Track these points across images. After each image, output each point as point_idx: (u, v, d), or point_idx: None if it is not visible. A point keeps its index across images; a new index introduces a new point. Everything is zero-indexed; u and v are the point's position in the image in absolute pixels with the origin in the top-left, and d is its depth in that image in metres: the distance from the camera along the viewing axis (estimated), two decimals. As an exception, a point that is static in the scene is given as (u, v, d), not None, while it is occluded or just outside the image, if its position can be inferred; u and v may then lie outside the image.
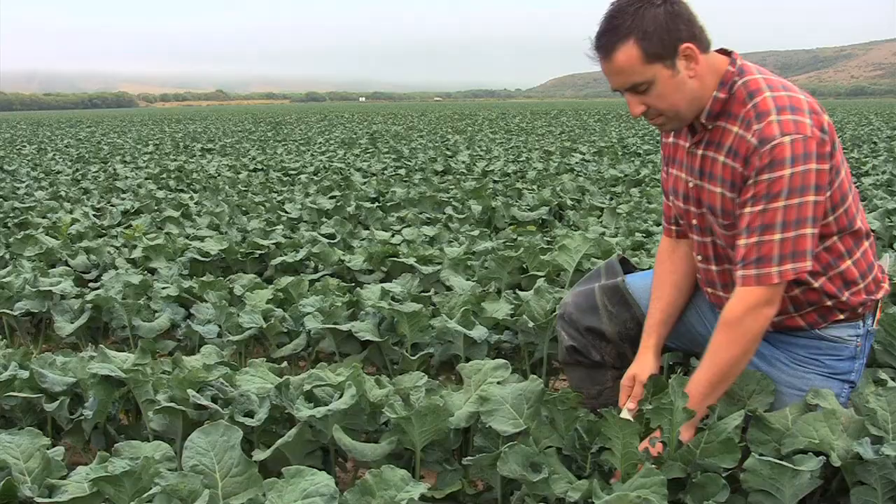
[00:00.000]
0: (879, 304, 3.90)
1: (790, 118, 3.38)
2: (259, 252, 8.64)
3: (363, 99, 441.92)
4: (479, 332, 5.31)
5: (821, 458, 3.24)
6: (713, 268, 3.87)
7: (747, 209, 3.44)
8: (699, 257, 3.95)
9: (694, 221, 3.86)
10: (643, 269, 4.48)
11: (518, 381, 4.01)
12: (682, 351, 4.57)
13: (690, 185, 3.79)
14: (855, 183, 14.99)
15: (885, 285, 3.89)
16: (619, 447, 3.43)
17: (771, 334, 3.78)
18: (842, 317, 3.74)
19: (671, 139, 3.94)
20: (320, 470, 3.20)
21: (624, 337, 4.16)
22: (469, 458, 3.76)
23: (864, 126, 42.20)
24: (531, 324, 5.31)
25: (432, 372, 5.52)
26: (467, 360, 5.17)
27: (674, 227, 4.12)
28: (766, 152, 3.36)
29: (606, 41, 3.47)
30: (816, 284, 3.66)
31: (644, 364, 3.91)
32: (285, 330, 5.95)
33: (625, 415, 3.72)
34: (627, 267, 4.42)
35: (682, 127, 3.72)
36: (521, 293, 5.94)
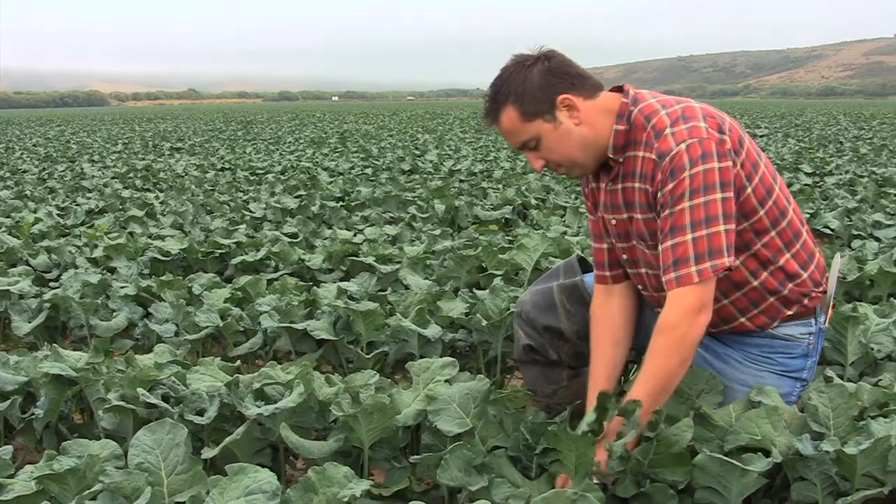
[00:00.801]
0: (832, 302, 3.97)
1: (683, 127, 3.48)
2: (220, 251, 8.65)
3: (336, 98, 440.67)
4: (433, 331, 5.34)
5: (769, 459, 3.28)
6: (654, 294, 3.91)
7: (660, 219, 3.52)
8: (640, 286, 4.00)
9: (624, 256, 3.92)
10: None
11: (470, 380, 4.04)
12: (640, 349, 4.63)
13: (613, 222, 3.85)
14: (818, 183, 15.20)
15: (828, 274, 3.96)
16: (573, 459, 3.43)
17: (725, 335, 3.86)
18: (790, 313, 3.78)
19: (591, 185, 3.99)
20: (270, 468, 3.23)
21: (582, 336, 4.16)
22: (416, 457, 3.79)
23: (832, 126, 42.40)
24: (485, 322, 5.34)
25: (387, 370, 5.53)
26: (422, 358, 5.20)
27: (608, 273, 4.08)
28: (665, 165, 3.45)
29: (490, 109, 3.68)
30: (756, 282, 3.70)
31: None
32: (242, 329, 5.95)
33: None
34: (586, 266, 4.43)
35: (589, 172, 3.82)
36: (478, 292, 5.97)
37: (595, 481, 3.40)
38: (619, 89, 3.76)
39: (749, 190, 3.56)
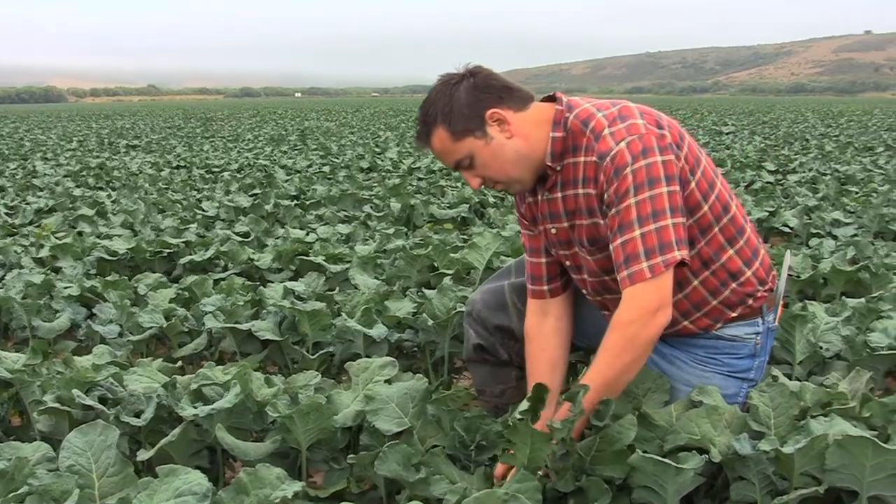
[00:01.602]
0: (782, 301, 3.98)
1: (621, 126, 3.48)
2: (168, 251, 8.64)
3: (299, 94, 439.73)
4: (378, 331, 5.35)
5: (703, 455, 3.29)
6: (597, 298, 3.93)
7: (607, 219, 3.51)
8: (584, 291, 4.00)
9: (567, 262, 3.92)
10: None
11: (412, 380, 4.06)
12: (588, 348, 4.64)
13: (554, 231, 3.84)
14: (780, 181, 15.31)
15: (773, 272, 3.96)
16: (526, 452, 3.43)
17: (670, 336, 3.83)
18: (734, 314, 3.78)
19: (529, 199, 3.96)
20: (207, 470, 3.24)
21: None
22: (352, 456, 3.80)
23: (800, 123, 42.73)
24: (431, 322, 5.36)
25: (333, 371, 5.55)
26: (368, 359, 5.21)
27: (546, 287, 4.07)
28: (608, 165, 3.44)
29: (421, 133, 3.69)
30: (697, 282, 3.70)
31: None
32: (186, 330, 5.96)
33: None
34: None
35: (527, 187, 3.79)
36: (426, 291, 5.99)
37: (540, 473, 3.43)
38: (551, 98, 3.76)
39: (693, 184, 3.55)
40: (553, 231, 3.83)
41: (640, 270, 3.39)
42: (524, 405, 3.41)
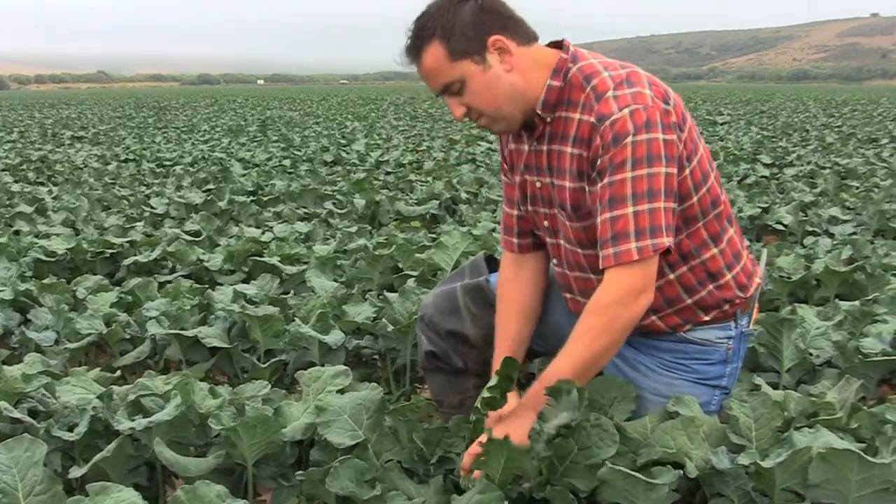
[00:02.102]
0: (756, 304, 3.97)
1: (627, 92, 3.44)
2: (111, 251, 8.58)
3: (261, 81, 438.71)
4: (334, 338, 5.35)
5: (678, 471, 3.29)
6: (567, 272, 3.90)
7: (597, 186, 3.47)
8: (554, 261, 3.98)
9: (545, 223, 3.88)
10: None
11: (367, 390, 4.05)
12: (547, 354, 4.65)
13: (538, 185, 3.81)
14: (776, 175, 15.37)
15: (757, 279, 3.95)
16: (500, 464, 3.42)
17: (635, 338, 3.77)
18: (706, 318, 3.78)
19: (511, 146, 3.95)
20: (146, 488, 3.23)
21: (488, 341, 4.13)
22: (301, 473, 3.80)
23: (800, 113, 42.91)
24: (391, 328, 5.36)
25: (286, 381, 5.54)
26: (323, 367, 5.20)
27: (516, 240, 4.10)
28: (606, 129, 3.40)
29: (413, 45, 3.57)
30: (673, 276, 3.70)
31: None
32: (128, 336, 5.92)
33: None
34: (494, 265, 4.40)
35: (513, 128, 3.74)
36: (388, 294, 5.99)
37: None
38: (557, 45, 3.72)
39: (687, 171, 3.54)
40: (537, 185, 3.82)
41: (627, 251, 3.38)
42: (492, 382, 3.44)
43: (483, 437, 3.45)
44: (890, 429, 3.59)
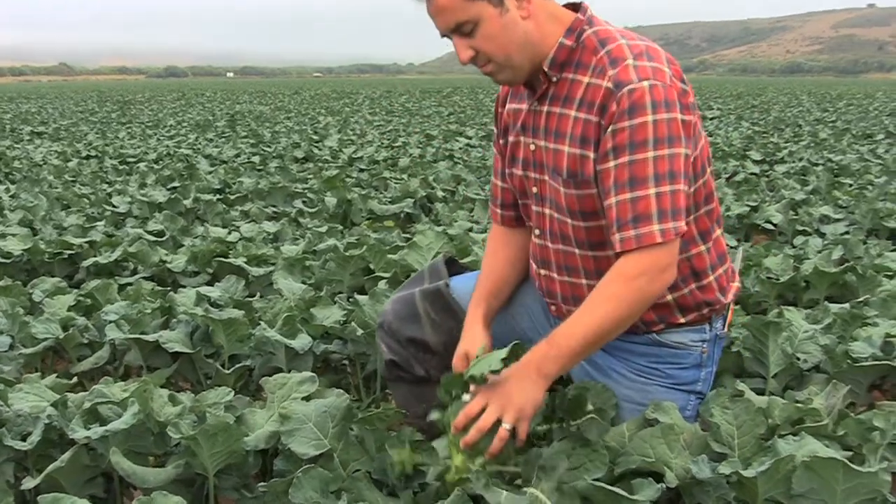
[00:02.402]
0: (731, 306, 3.99)
1: (647, 64, 3.46)
2: (69, 252, 8.54)
3: (231, 74, 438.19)
4: (301, 342, 5.35)
5: (660, 485, 3.29)
6: (549, 244, 3.89)
7: (611, 163, 3.45)
8: (536, 231, 3.95)
9: (534, 189, 3.87)
10: (473, 270, 4.50)
11: (333, 397, 4.04)
12: None
13: (532, 148, 3.80)
14: (766, 172, 15.42)
15: (736, 283, 3.99)
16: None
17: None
18: (682, 320, 3.80)
19: (509, 105, 3.96)
20: (103, 499, 3.23)
21: (450, 348, 4.08)
22: (263, 484, 3.80)
23: (793, 107, 43.02)
24: (360, 332, 5.36)
25: (252, 388, 5.53)
26: (290, 373, 5.19)
27: (502, 212, 4.15)
28: (623, 97, 3.40)
29: None
30: None
31: (473, 337, 3.91)
32: (86, 341, 5.90)
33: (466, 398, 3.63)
34: (455, 268, 4.44)
35: (517, 79, 3.72)
36: (359, 297, 5.99)
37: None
38: (574, 7, 3.73)
39: (691, 159, 3.56)
40: (531, 147, 3.82)
41: (650, 233, 3.39)
42: (500, 354, 3.47)
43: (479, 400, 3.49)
44: (878, 436, 3.59)
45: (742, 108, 41.74)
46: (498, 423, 3.41)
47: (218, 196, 13.03)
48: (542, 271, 3.99)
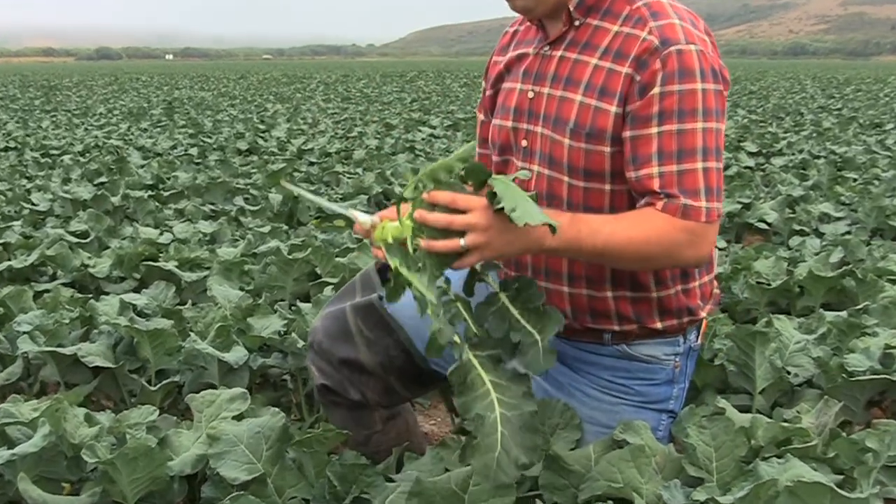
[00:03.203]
0: (705, 321, 4.01)
1: (693, 30, 3.52)
2: (-22, 256, 8.51)
3: (171, 57, 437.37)
4: (236, 355, 5.33)
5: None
6: None
7: (653, 129, 3.46)
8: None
9: (523, 143, 3.84)
10: None
11: (268, 416, 4.03)
12: None
13: (531, 95, 3.79)
14: (762, 165, 15.47)
15: (717, 289, 4.03)
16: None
17: (569, 350, 3.84)
18: (659, 325, 3.79)
19: (511, 53, 3.98)
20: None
21: (388, 368, 4.14)
22: (189, 513, 3.80)
23: (795, 93, 43.18)
24: (301, 343, 5.35)
25: (181, 406, 5.52)
26: (224, 389, 5.18)
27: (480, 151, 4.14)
28: (671, 57, 3.43)
29: None
30: None
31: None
32: (-4, 355, 5.89)
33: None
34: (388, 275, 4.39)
35: (539, 9, 3.71)
36: (301, 305, 5.98)
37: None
38: None
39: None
40: (529, 95, 3.80)
41: (698, 208, 3.41)
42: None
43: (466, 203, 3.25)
44: (871, 458, 3.62)
45: (738, 95, 41.87)
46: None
47: (150, 193, 12.96)
48: (514, 265, 3.95)
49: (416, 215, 3.22)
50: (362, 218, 3.51)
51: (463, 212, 3.18)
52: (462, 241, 3.17)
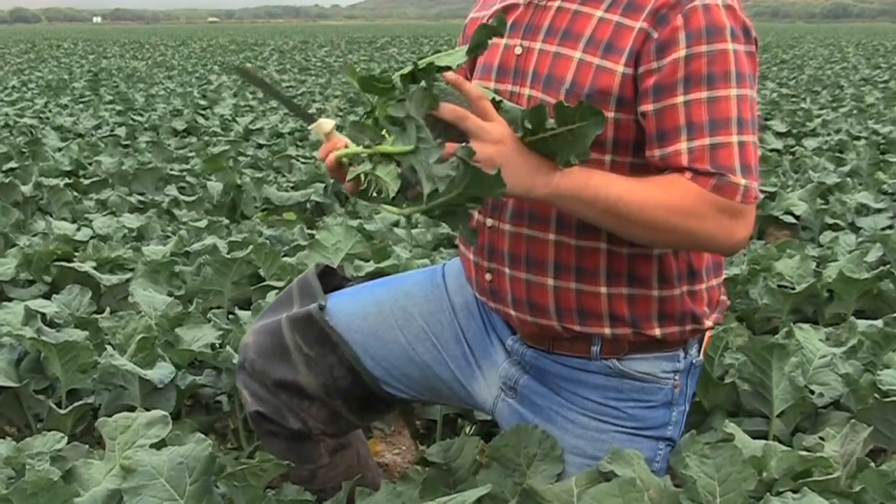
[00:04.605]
0: (708, 333, 3.96)
1: None
2: None
3: (99, 19, 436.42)
4: (161, 373, 5.31)
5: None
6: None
7: (680, 97, 3.40)
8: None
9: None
10: (361, 281, 4.41)
11: (192, 443, 4.01)
12: (423, 402, 4.71)
13: (518, 51, 3.71)
14: (791, 148, 15.49)
15: (724, 298, 3.98)
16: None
17: (548, 365, 3.81)
18: (657, 332, 3.71)
19: (496, 6, 3.90)
20: None
21: (332, 391, 4.09)
22: (94, 560, 3.78)
23: (835, 63, 43.14)
24: (237, 359, 5.33)
25: (96, 432, 5.49)
26: (147, 411, 5.16)
27: None
28: (695, 11, 3.38)
29: None
30: (656, 252, 3.65)
31: None
32: None
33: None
34: (335, 280, 4.33)
35: None
36: (240, 313, 5.97)
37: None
38: None
39: None
40: (517, 50, 3.73)
41: (734, 185, 3.35)
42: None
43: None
44: (903, 492, 3.62)
45: (768, 64, 41.89)
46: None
47: (67, 181, 12.88)
48: (489, 221, 3.81)
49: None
50: (327, 123, 3.44)
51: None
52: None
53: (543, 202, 3.42)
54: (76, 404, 5.41)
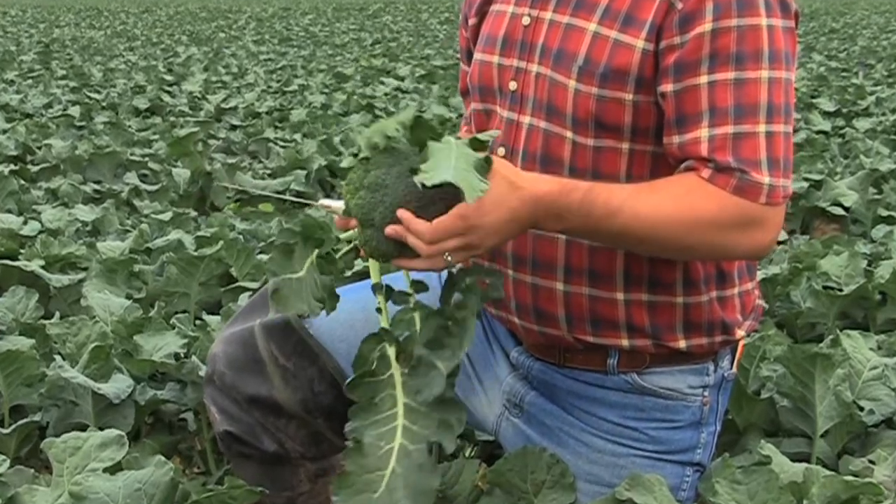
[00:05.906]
0: (742, 342, 3.94)
1: None
2: None
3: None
4: (117, 387, 5.30)
5: None
6: (520, 168, 3.63)
7: (703, 77, 3.40)
8: (500, 151, 3.74)
9: (511, 85, 3.76)
10: (348, 283, 4.38)
11: (152, 468, 3.99)
12: None
13: (526, 21, 3.71)
14: (840, 130, 15.48)
15: (760, 302, 3.97)
16: None
17: (559, 381, 3.80)
18: (682, 344, 3.70)
19: None
20: None
21: (313, 407, 4.07)
22: None
23: (892, 32, 43.04)
24: (204, 371, 5.32)
25: (43, 454, 5.50)
26: (101, 430, 5.15)
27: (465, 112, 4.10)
28: None
29: None
30: None
31: None
32: None
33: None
34: None
35: None
36: (208, 318, 5.97)
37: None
38: None
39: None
40: (524, 21, 3.72)
41: (757, 185, 3.34)
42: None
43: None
44: (963, 524, 3.63)
45: (814, 35, 41.86)
46: None
47: (13, 167, 12.87)
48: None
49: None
50: (337, 205, 3.46)
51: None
52: (448, 257, 3.18)
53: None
54: (20, 422, 5.40)
